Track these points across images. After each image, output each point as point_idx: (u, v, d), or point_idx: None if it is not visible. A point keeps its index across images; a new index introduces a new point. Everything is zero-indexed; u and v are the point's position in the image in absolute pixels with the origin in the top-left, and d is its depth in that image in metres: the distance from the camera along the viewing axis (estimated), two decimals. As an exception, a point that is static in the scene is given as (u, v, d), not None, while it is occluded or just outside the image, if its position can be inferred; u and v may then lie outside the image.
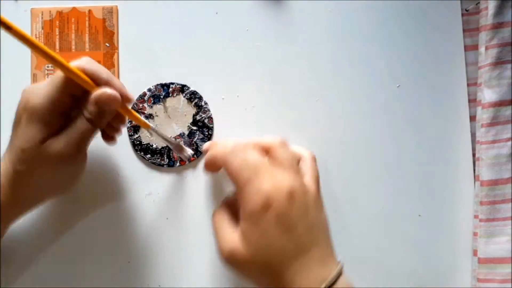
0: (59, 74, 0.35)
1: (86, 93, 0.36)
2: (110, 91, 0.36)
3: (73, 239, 0.45)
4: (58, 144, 0.35)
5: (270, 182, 0.33)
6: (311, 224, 0.34)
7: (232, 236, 0.34)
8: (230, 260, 0.34)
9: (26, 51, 0.46)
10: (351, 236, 0.46)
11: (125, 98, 0.37)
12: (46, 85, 0.35)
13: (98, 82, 0.36)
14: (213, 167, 0.39)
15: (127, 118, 0.40)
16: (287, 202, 0.33)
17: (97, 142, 0.45)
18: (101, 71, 0.36)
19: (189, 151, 0.44)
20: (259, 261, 0.33)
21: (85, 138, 0.37)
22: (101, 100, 0.35)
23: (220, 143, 0.40)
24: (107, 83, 0.36)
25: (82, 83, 0.35)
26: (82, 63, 0.36)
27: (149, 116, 0.46)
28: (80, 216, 0.45)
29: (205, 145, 0.43)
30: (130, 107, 0.40)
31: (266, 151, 0.36)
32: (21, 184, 0.36)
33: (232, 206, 0.37)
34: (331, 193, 0.46)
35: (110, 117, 0.37)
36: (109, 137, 0.41)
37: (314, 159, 0.39)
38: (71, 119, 0.36)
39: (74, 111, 0.37)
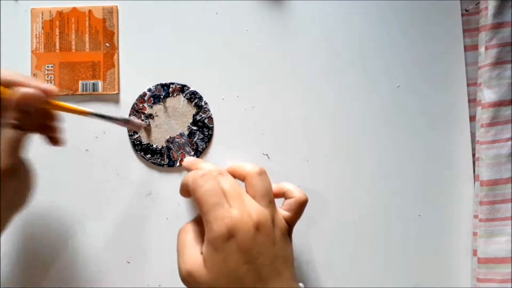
0: None
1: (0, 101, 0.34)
2: (29, 90, 0.34)
3: (73, 239, 0.45)
4: None
5: (238, 211, 0.33)
6: (275, 256, 0.34)
7: (195, 257, 0.34)
8: (188, 280, 0.33)
9: (27, 51, 0.46)
10: (351, 236, 0.46)
11: (48, 93, 0.35)
12: None
13: (14, 86, 0.34)
14: (185, 192, 0.38)
15: (60, 113, 0.38)
16: (252, 233, 0.33)
17: (97, 142, 0.45)
18: (14, 75, 0.35)
19: (138, 121, 0.44)
20: (218, 287, 0.32)
21: (16, 147, 0.35)
22: (22, 101, 0.33)
23: (195, 163, 0.40)
24: (23, 84, 0.34)
25: None
26: None
27: (149, 116, 0.46)
28: (79, 216, 0.45)
29: (186, 160, 0.43)
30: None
31: (243, 178, 0.37)
32: None
33: (200, 225, 0.36)
34: (331, 193, 0.46)
35: (38, 117, 0.36)
36: (54, 140, 0.39)
37: (301, 203, 0.38)
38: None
39: None
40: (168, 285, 0.44)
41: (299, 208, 0.38)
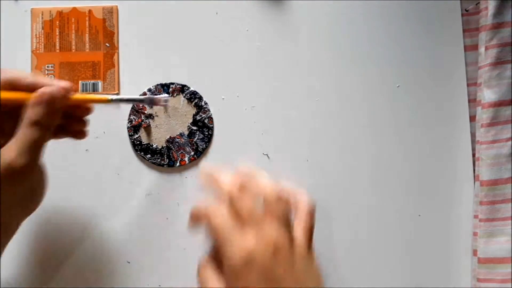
0: None
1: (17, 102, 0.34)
2: (52, 89, 0.34)
3: (73, 239, 0.45)
4: (9, 153, 0.32)
5: (254, 238, 0.32)
6: (297, 279, 0.33)
7: None
8: None
9: (26, 51, 0.46)
10: (350, 236, 0.46)
11: (69, 90, 0.36)
12: None
13: (34, 87, 0.35)
14: (196, 221, 0.36)
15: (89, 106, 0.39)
16: (271, 258, 0.32)
17: (97, 141, 0.45)
18: (24, 75, 0.35)
19: (164, 96, 0.44)
20: None
21: (35, 147, 0.34)
22: (47, 100, 0.34)
23: (214, 180, 0.37)
24: (45, 85, 0.35)
25: (14, 99, 0.34)
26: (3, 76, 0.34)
27: (149, 116, 0.46)
28: (80, 216, 0.45)
29: (203, 171, 0.42)
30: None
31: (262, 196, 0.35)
32: None
33: (218, 256, 0.35)
34: (331, 193, 0.46)
35: (59, 116, 0.36)
36: (77, 133, 0.40)
37: (310, 212, 0.37)
38: (8, 134, 0.34)
39: (7, 125, 0.35)
40: (168, 285, 0.44)
41: (307, 219, 0.37)
